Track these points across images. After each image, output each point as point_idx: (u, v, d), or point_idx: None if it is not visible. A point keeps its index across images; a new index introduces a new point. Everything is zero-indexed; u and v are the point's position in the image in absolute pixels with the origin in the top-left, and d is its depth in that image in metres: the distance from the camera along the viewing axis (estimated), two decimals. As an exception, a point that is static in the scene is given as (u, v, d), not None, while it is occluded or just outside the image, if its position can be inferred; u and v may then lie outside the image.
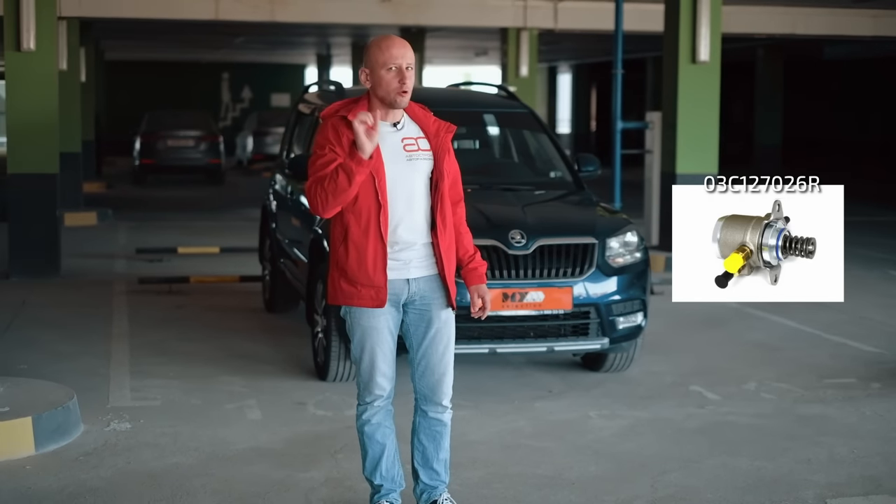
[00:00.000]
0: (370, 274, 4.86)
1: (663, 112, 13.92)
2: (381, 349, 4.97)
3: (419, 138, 4.96)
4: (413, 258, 4.94)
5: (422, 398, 5.13)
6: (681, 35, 13.47)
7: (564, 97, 42.53)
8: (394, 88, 4.80)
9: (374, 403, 5.06)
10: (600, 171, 9.04)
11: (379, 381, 5.01)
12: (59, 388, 6.87)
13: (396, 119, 4.94)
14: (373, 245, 4.84)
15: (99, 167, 29.28)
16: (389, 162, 4.87)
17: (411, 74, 4.83)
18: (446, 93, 9.49)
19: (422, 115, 5.03)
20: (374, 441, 5.11)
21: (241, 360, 8.51)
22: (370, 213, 4.84)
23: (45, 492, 5.65)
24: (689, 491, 5.79)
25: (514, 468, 6.12)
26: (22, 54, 11.98)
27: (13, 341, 9.12)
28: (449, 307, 5.03)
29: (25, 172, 12.19)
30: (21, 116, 12.09)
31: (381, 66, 4.80)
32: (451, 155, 5.05)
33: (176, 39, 29.29)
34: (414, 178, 4.91)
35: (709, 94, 13.65)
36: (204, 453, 6.31)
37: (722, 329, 9.97)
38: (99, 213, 18.43)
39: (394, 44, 4.84)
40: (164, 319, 10.07)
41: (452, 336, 5.09)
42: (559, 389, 7.82)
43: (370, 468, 5.15)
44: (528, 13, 19.65)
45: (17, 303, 10.82)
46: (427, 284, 4.98)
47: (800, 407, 7.45)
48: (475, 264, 5.14)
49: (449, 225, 4.99)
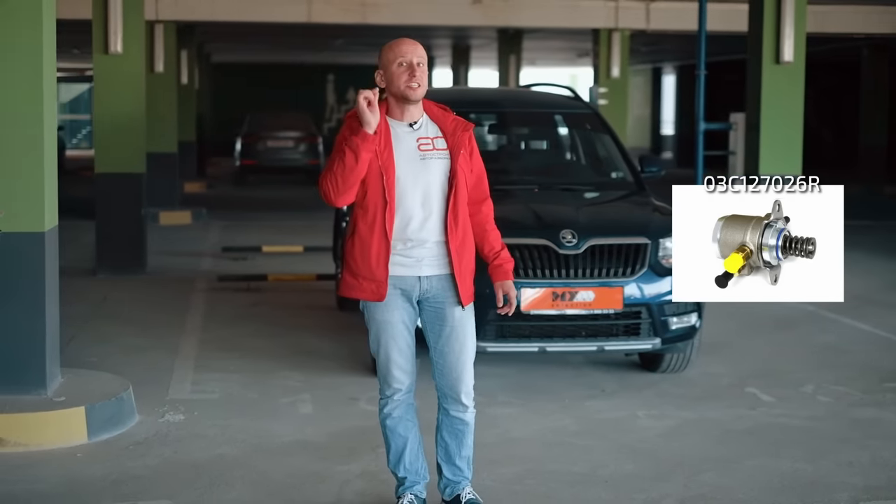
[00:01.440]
0: (372, 268, 4.95)
1: (746, 113, 13.77)
2: (397, 343, 5.05)
3: (436, 138, 5.04)
4: (425, 256, 5.00)
5: (442, 396, 5.19)
6: (764, 35, 13.30)
7: (669, 98, 42.19)
8: (403, 82, 4.89)
9: (393, 397, 5.15)
10: (664, 172, 9.02)
11: (396, 374, 5.09)
12: (116, 380, 7.09)
13: (414, 119, 5.01)
14: (377, 241, 4.93)
15: (203, 167, 29.90)
16: (403, 161, 4.95)
17: (423, 70, 4.91)
18: (511, 94, 9.57)
19: (440, 115, 5.10)
20: (397, 434, 5.20)
21: (303, 356, 8.67)
22: (376, 209, 4.93)
23: (89, 478, 5.85)
24: (721, 490, 5.78)
25: (551, 465, 6.17)
26: (109, 57, 12.32)
27: (88, 335, 9.41)
28: (463, 309, 5.07)
29: (112, 172, 12.54)
30: (108, 117, 12.44)
31: (392, 62, 4.91)
32: (472, 153, 5.09)
33: (280, 42, 29.71)
34: (428, 177, 4.98)
35: (792, 95, 13.46)
36: (249, 445, 6.47)
37: (791, 331, 9.87)
38: (193, 213, 18.82)
39: (403, 42, 4.96)
40: (237, 316, 10.29)
41: (470, 335, 5.12)
42: (612, 389, 7.83)
43: (394, 461, 5.25)
44: (619, 14, 19.59)
45: (98, 298, 11.15)
46: (439, 283, 5.04)
47: (854, 410, 7.36)
48: (500, 261, 5.18)
49: (461, 224, 5.03)
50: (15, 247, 6.59)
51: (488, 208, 5.21)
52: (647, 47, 31.12)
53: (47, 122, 6.65)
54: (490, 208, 5.22)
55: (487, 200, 5.21)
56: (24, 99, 6.54)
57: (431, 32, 27.14)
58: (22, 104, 6.54)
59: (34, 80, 6.54)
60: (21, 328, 6.63)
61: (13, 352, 6.61)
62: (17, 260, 6.61)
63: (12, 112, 6.54)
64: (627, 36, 20.13)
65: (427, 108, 5.09)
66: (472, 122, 9.45)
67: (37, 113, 6.56)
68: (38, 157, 6.59)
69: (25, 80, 6.53)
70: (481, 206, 5.18)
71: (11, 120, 6.54)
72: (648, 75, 42.11)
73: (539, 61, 40.79)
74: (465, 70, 32.49)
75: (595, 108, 9.28)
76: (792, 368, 8.47)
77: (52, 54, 6.74)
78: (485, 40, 28.71)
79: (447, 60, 35.13)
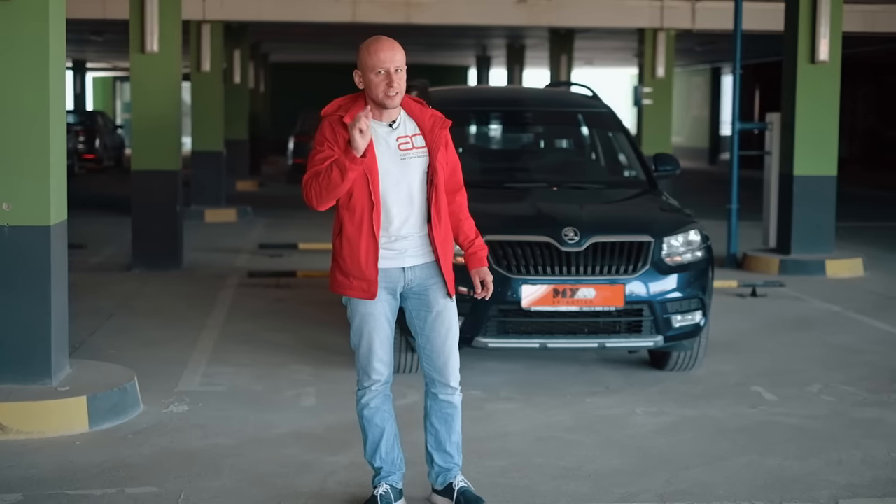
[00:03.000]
0: (362, 268, 5.06)
1: (782, 113, 13.73)
2: (378, 335, 5.16)
3: (414, 136, 5.13)
4: (409, 247, 5.12)
5: (430, 381, 5.29)
6: (799, 35, 13.27)
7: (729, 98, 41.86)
8: (382, 91, 4.97)
9: (371, 388, 5.25)
10: (679, 170, 9.04)
11: (376, 365, 5.20)
12: (122, 371, 7.25)
13: (392, 118, 5.11)
14: (365, 241, 5.03)
15: (258, 166, 30.22)
16: (384, 161, 5.05)
17: (401, 76, 4.98)
18: (527, 93, 9.62)
19: (418, 111, 5.19)
20: (374, 425, 5.29)
21: (319, 351, 8.79)
22: (363, 210, 5.02)
23: (83, 465, 6.00)
24: (702, 486, 5.82)
25: (538, 459, 6.23)
26: (145, 56, 12.54)
27: (112, 328, 9.61)
28: (447, 296, 5.19)
29: (148, 169, 12.76)
30: (144, 116, 12.67)
31: (371, 69, 4.97)
32: (448, 148, 5.21)
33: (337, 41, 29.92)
34: (409, 176, 5.09)
35: (828, 95, 13.40)
36: (245, 435, 6.60)
37: (811, 331, 9.84)
38: (239, 211, 19.06)
39: (382, 48, 4.99)
40: (261, 311, 10.45)
41: (454, 320, 5.24)
42: (617, 386, 7.87)
43: (370, 451, 5.34)
44: (664, 13, 19.54)
45: (129, 293, 11.36)
46: (423, 271, 5.15)
47: (856, 410, 7.34)
48: (475, 249, 5.30)
49: (444, 217, 5.15)
50: (22, 240, 6.76)
51: (462, 198, 5.33)
52: (703, 47, 30.95)
53: (54, 117, 6.82)
54: (464, 198, 5.34)
55: (462, 191, 5.33)
56: (30, 94, 6.71)
57: (486, 32, 27.23)
58: (27, 100, 6.72)
59: (40, 76, 6.71)
60: (27, 320, 6.80)
61: (19, 342, 6.79)
62: (23, 253, 6.78)
63: (18, 108, 6.72)
64: (673, 36, 20.05)
65: (404, 104, 5.18)
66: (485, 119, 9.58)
67: (42, 109, 6.73)
68: (44, 153, 6.76)
69: (31, 76, 6.70)
70: (455, 195, 5.29)
71: (17, 116, 6.72)
72: (707, 75, 41.84)
73: (597, 61, 40.75)
74: (520, 70, 32.55)
75: (610, 108, 9.31)
76: (802, 368, 8.45)
77: (60, 49, 6.91)
78: (538, 40, 28.74)
79: (503, 60, 35.21)
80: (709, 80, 42.01)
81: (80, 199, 22.36)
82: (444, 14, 18.87)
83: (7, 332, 6.79)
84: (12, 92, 6.71)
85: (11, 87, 6.71)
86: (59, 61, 6.89)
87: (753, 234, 15.52)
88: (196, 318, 10.04)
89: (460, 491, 5.33)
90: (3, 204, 6.73)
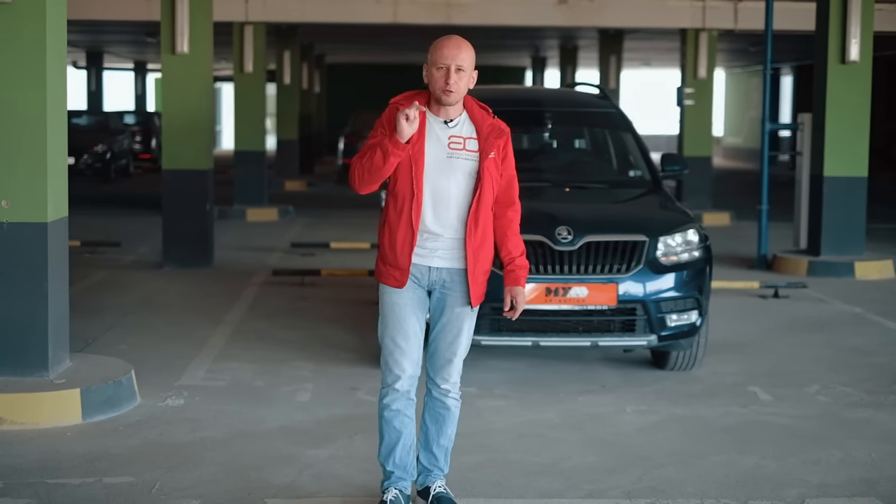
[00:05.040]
0: (397, 255, 5.10)
1: (813, 114, 13.66)
2: (402, 328, 5.15)
3: (469, 138, 5.13)
4: (439, 248, 5.13)
5: (428, 378, 5.34)
6: (830, 35, 13.19)
7: (787, 100, 41.49)
8: (439, 86, 5.01)
9: (394, 385, 5.20)
10: (687, 170, 9.05)
11: (398, 358, 5.16)
12: (121, 365, 7.41)
13: (450, 117, 5.11)
14: (403, 230, 5.08)
15: (310, 166, 30.49)
16: (431, 155, 5.08)
17: (462, 76, 5.00)
18: (535, 92, 9.68)
19: (479, 117, 5.18)
20: (392, 427, 5.27)
21: (326, 348, 8.91)
22: (405, 199, 5.08)
23: (68, 454, 6.16)
24: (671, 483, 5.85)
25: (514, 455, 6.29)
26: (176, 57, 12.75)
27: (130, 324, 9.80)
28: (467, 304, 5.18)
29: (178, 168, 12.97)
30: (175, 116, 12.88)
31: (433, 63, 5.03)
32: (506, 158, 5.19)
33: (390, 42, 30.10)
34: (451, 174, 5.10)
35: (858, 95, 13.31)
36: (233, 429, 6.72)
37: (825, 333, 9.80)
38: (280, 210, 19.26)
39: (448, 44, 5.06)
40: (279, 309, 10.59)
41: (465, 332, 5.22)
42: (614, 385, 7.90)
43: (385, 454, 5.31)
44: (706, 13, 19.47)
45: (155, 290, 11.56)
46: (449, 276, 5.16)
47: (849, 410, 7.32)
48: (514, 267, 5.24)
49: (482, 226, 5.13)
50: (20, 236, 6.95)
51: (514, 213, 5.28)
52: (756, 47, 30.69)
53: (52, 116, 6.99)
54: (517, 213, 5.29)
55: (515, 205, 5.27)
56: (27, 94, 6.89)
57: (536, 33, 27.26)
58: (25, 99, 6.89)
59: (37, 75, 6.88)
60: (24, 314, 6.98)
61: (16, 336, 6.98)
62: (21, 249, 6.96)
63: (15, 107, 6.90)
64: (715, 36, 19.96)
65: (469, 107, 5.19)
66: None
67: (40, 108, 6.91)
68: (41, 152, 6.93)
69: (28, 75, 6.88)
70: (507, 209, 5.26)
71: (15, 115, 6.90)
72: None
73: (653, 62, 40.59)
74: (573, 70, 32.51)
75: (619, 108, 9.33)
76: (805, 369, 8.43)
77: (59, 49, 7.08)
78: (590, 41, 28.71)
79: (557, 61, 35.19)
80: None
81: (127, 199, 22.75)
82: (484, 15, 18.94)
83: (4, 326, 6.98)
84: (10, 92, 6.89)
85: (9, 87, 6.89)
86: (57, 61, 7.06)
87: (789, 235, 15.42)
88: (214, 315, 10.21)
89: (436, 496, 5.34)
90: (2, 201, 6.92)
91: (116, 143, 27.91)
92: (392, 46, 31.68)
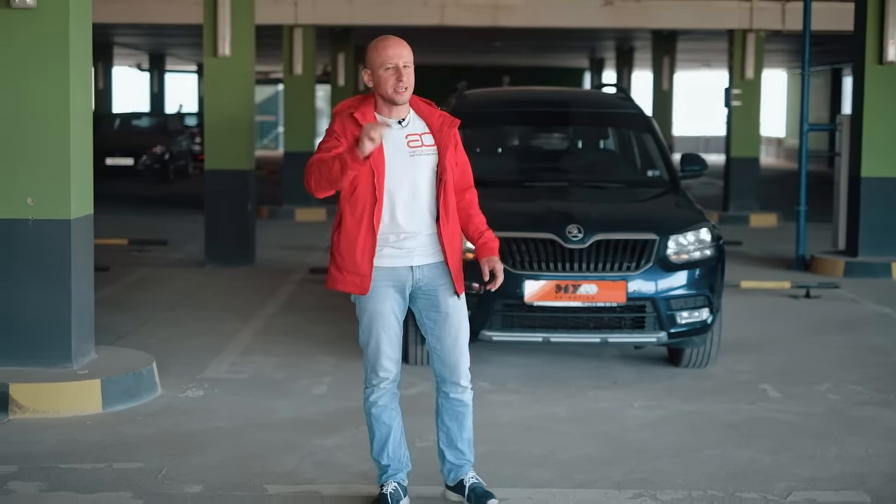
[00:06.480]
0: (357, 262, 5.18)
1: (851, 114, 13.66)
2: (387, 333, 5.28)
3: (423, 134, 5.25)
4: (417, 246, 5.23)
5: (441, 381, 5.43)
6: (867, 35, 13.19)
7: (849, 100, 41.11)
8: (391, 86, 5.10)
9: (379, 385, 5.35)
10: (706, 169, 9.14)
11: (384, 363, 5.31)
12: (143, 357, 7.67)
13: (401, 116, 5.22)
14: (363, 236, 5.16)
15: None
16: (393, 157, 5.17)
17: (409, 72, 5.12)
18: (558, 93, 9.84)
19: (426, 111, 5.31)
20: (381, 423, 5.41)
21: (349, 343, 9.08)
22: (365, 205, 5.15)
23: (84, 441, 6.42)
24: (662, 475, 5.97)
25: (513, 447, 6.45)
26: (218, 59, 13.05)
27: (164, 319, 10.08)
28: (455, 294, 5.31)
29: (221, 168, 13.26)
30: (217, 117, 13.18)
31: (380, 66, 5.10)
32: (457, 146, 5.33)
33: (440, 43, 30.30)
34: (417, 172, 5.21)
35: (896, 96, 13.30)
36: (246, 420, 6.95)
37: (849, 332, 9.84)
38: (328, 210, 19.49)
39: (390, 44, 5.14)
40: (311, 305, 10.82)
41: (463, 320, 5.35)
42: (626, 381, 8.03)
43: (377, 449, 5.46)
44: (753, 14, 19.46)
45: (195, 287, 11.85)
46: (431, 271, 5.27)
47: (856, 408, 7.39)
48: (485, 239, 5.38)
49: (452, 215, 5.27)
50: (44, 233, 7.23)
51: (472, 195, 5.43)
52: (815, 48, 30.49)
53: (77, 117, 7.26)
54: (474, 195, 5.44)
55: (471, 189, 5.43)
56: (52, 96, 7.17)
57: (591, 34, 27.33)
58: (50, 101, 7.17)
59: (61, 77, 7.16)
60: (48, 307, 7.27)
61: (41, 328, 7.26)
62: (47, 245, 7.25)
63: (41, 109, 7.19)
64: (763, 37, 19.94)
65: (413, 104, 5.30)
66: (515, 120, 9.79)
67: (64, 109, 7.18)
68: (65, 151, 7.21)
69: (53, 77, 7.16)
70: (465, 193, 5.40)
71: (39, 115, 7.19)
72: (828, 77, 41.20)
73: (714, 63, 40.44)
74: (629, 72, 32.54)
75: (641, 109, 9.45)
76: (820, 368, 8.49)
77: (84, 52, 7.35)
78: (645, 42, 28.73)
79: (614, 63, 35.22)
80: (829, 81, 41.36)
81: (182, 199, 23.14)
82: (531, 17, 19.08)
83: (30, 319, 7.26)
84: (36, 93, 7.18)
85: (35, 89, 7.18)
86: (82, 63, 7.33)
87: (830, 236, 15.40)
88: (247, 311, 10.46)
89: (471, 487, 5.47)
90: (28, 199, 7.20)
91: (175, 144, 28.40)
92: (443, 48, 31.88)
